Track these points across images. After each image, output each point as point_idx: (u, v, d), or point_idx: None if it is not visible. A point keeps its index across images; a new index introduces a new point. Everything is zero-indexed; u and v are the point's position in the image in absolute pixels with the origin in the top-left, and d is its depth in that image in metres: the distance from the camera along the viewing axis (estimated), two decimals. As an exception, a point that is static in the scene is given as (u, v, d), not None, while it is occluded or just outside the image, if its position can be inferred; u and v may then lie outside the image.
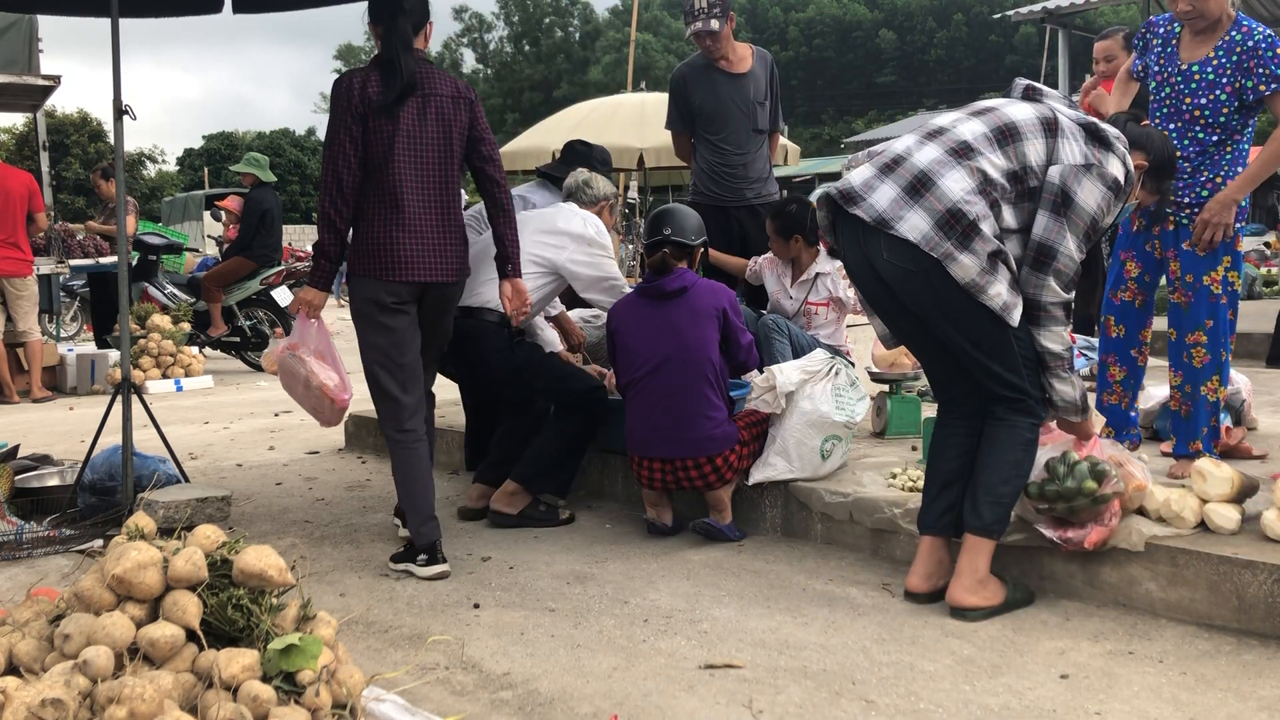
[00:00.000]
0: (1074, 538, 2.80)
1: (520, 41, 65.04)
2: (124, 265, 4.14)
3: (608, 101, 11.49)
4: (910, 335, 2.99)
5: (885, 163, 2.83)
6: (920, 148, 2.80)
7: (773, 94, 4.89)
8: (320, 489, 4.63)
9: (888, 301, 2.92)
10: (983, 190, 2.71)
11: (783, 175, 20.81)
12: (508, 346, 3.86)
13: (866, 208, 2.76)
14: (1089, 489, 2.75)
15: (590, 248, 3.94)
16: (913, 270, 2.73)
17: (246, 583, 2.06)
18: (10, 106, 9.39)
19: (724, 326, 3.58)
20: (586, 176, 4.23)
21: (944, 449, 2.97)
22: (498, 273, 3.54)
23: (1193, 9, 3.29)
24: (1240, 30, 3.35)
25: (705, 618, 2.86)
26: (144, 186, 38.08)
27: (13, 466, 4.27)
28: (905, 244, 2.70)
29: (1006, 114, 2.82)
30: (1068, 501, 2.79)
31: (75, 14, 4.53)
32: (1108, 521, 2.80)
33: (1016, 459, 2.83)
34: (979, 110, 2.89)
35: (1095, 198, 2.72)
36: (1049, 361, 2.83)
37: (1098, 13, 13.33)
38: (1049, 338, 2.81)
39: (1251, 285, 12.53)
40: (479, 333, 3.84)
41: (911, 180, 2.74)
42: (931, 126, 2.88)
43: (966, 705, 2.29)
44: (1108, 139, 2.79)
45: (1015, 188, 2.75)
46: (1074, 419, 2.89)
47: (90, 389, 8.05)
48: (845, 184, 2.84)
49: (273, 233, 9.14)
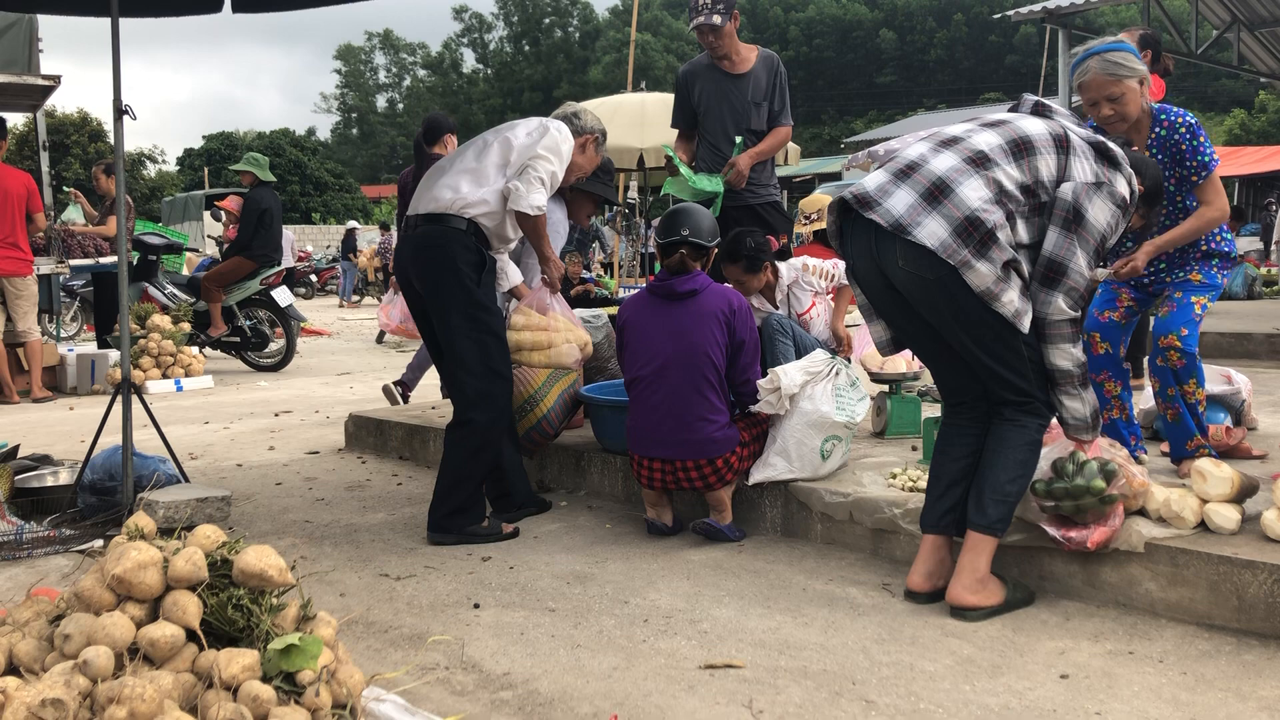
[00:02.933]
0: (1077, 537, 2.80)
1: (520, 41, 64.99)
2: (124, 265, 4.14)
3: (608, 101, 11.47)
4: (917, 340, 2.99)
5: (900, 168, 2.81)
6: (936, 155, 2.80)
7: (776, 93, 4.88)
8: (320, 489, 4.63)
9: (894, 308, 2.92)
10: (999, 200, 2.71)
11: (783, 175, 20.82)
12: (474, 269, 3.64)
13: (883, 212, 2.75)
14: (1098, 488, 2.75)
15: (542, 135, 3.70)
16: (928, 278, 2.73)
17: (246, 583, 2.05)
18: (10, 106, 9.37)
19: (730, 332, 3.57)
20: (577, 109, 4.14)
21: (949, 448, 2.97)
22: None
23: (1115, 113, 3.40)
24: (1162, 125, 3.48)
25: (705, 618, 2.86)
26: (144, 187, 38.12)
27: (13, 466, 4.27)
28: (922, 250, 2.69)
29: (1021, 127, 2.82)
30: (1075, 500, 2.78)
31: (75, 14, 4.53)
32: (1111, 522, 2.80)
33: (1023, 459, 2.84)
34: (992, 122, 2.89)
35: (1105, 215, 2.74)
36: (1059, 380, 2.82)
37: (1097, 13, 13.32)
38: (1059, 355, 2.80)
39: (1251, 285, 12.52)
40: (445, 240, 3.64)
41: (929, 187, 2.73)
42: (945, 135, 2.87)
43: (966, 705, 2.29)
44: (1116, 158, 2.81)
45: (1029, 201, 2.75)
46: (1085, 438, 2.89)
47: (90, 389, 8.06)
48: (860, 188, 2.83)
49: (272, 232, 9.14)
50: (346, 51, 72.45)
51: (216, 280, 9.14)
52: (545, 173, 3.65)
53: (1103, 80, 3.35)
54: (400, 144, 67.05)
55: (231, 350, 9.48)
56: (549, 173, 3.66)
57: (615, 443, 4.15)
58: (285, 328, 9.44)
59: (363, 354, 11.05)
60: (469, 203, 3.64)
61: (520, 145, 3.69)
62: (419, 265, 3.68)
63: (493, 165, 3.69)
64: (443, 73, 69.66)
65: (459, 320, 3.63)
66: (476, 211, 3.64)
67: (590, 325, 4.85)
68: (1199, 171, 3.43)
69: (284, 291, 9.36)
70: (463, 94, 65.62)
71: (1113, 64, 3.34)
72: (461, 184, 3.67)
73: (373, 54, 72.93)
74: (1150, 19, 12.38)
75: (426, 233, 3.66)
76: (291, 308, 9.40)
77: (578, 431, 4.68)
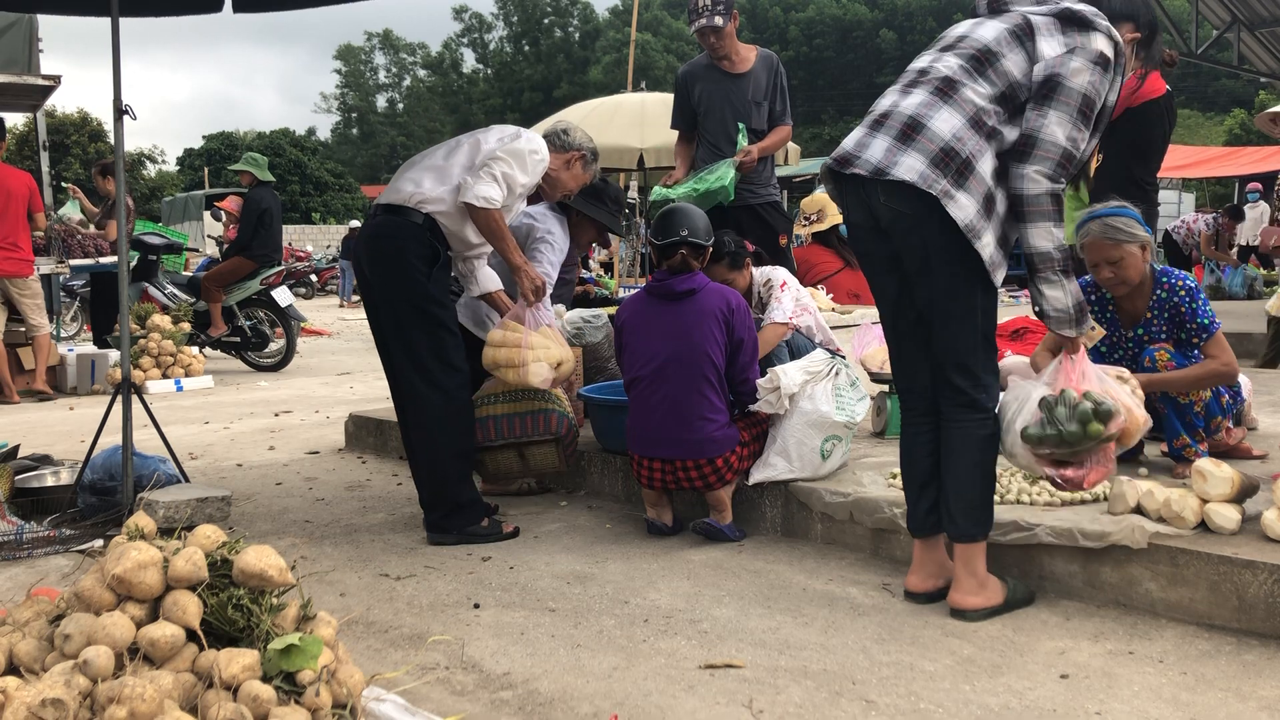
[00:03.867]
0: (1074, 477, 2.69)
1: (520, 41, 65.01)
2: (124, 265, 4.14)
3: (608, 101, 11.47)
4: (893, 303, 2.91)
5: (874, 120, 2.80)
6: (905, 96, 2.77)
7: (776, 93, 4.88)
8: (320, 489, 4.63)
9: (884, 264, 2.86)
10: (976, 124, 2.66)
11: (783, 175, 20.79)
12: (425, 262, 3.60)
13: (862, 163, 2.72)
14: (1095, 432, 2.62)
15: (511, 140, 3.67)
16: (908, 213, 2.68)
17: (246, 583, 2.05)
18: (10, 106, 9.39)
19: (729, 331, 3.57)
20: (567, 125, 4.10)
21: (912, 450, 2.95)
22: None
23: (1114, 276, 3.44)
24: (1163, 288, 3.51)
25: (705, 618, 2.86)
26: (144, 187, 38.12)
27: (13, 466, 4.27)
28: (903, 185, 2.65)
29: (978, 37, 2.75)
30: (1071, 446, 2.65)
31: (75, 14, 4.53)
32: (1106, 462, 2.68)
33: (976, 460, 2.78)
34: (951, 43, 2.82)
35: (1083, 75, 2.62)
36: (1037, 264, 2.65)
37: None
38: (1037, 235, 2.63)
39: (1251, 285, 12.53)
40: (397, 231, 3.63)
41: (901, 127, 2.71)
42: (911, 74, 2.83)
43: (966, 705, 2.29)
44: (1086, 19, 2.68)
45: (1007, 108, 2.69)
46: (1067, 332, 2.70)
47: (90, 389, 8.06)
48: (840, 150, 2.82)
49: (272, 232, 9.14)
50: (346, 51, 72.44)
51: (216, 280, 9.14)
52: (499, 171, 3.61)
53: (1102, 244, 3.40)
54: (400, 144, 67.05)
55: (231, 350, 9.47)
56: (503, 173, 3.62)
57: (615, 443, 4.15)
58: (285, 328, 9.44)
59: (363, 354, 11.05)
60: (427, 198, 3.64)
61: (487, 149, 3.67)
62: (370, 254, 3.69)
63: (458, 165, 3.69)
64: (443, 73, 69.66)
65: (408, 311, 3.62)
66: (434, 208, 3.63)
67: (590, 325, 4.85)
68: (1199, 334, 3.44)
69: (284, 291, 9.36)
70: (463, 94, 65.61)
71: (1113, 228, 3.38)
72: (425, 179, 3.68)
73: (373, 54, 72.94)
74: (1150, 19, 12.38)
75: (382, 223, 3.68)
76: (291, 308, 9.41)
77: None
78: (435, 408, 3.62)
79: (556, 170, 3.96)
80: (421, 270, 3.59)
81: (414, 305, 3.61)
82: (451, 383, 3.64)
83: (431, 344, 3.62)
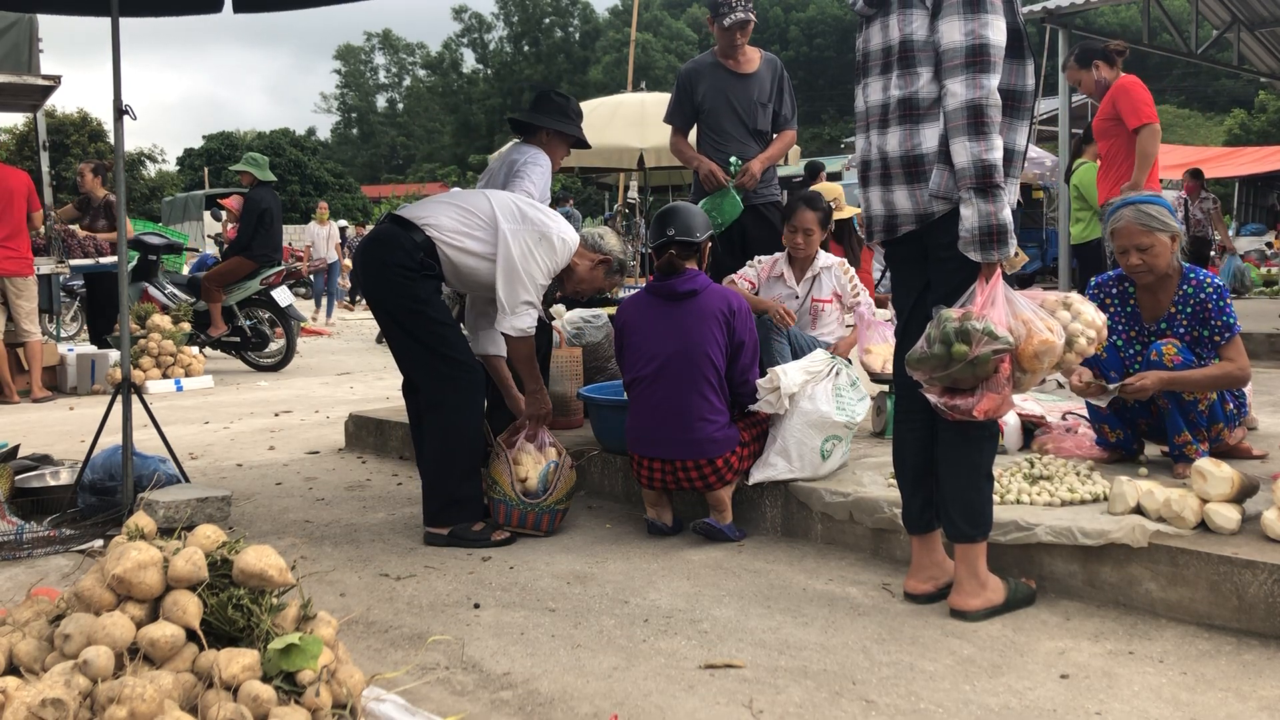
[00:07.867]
0: (962, 405, 2.59)
1: (520, 41, 64.99)
2: (124, 265, 4.14)
3: (608, 101, 11.48)
4: (918, 292, 2.92)
5: (878, 173, 2.85)
6: (883, 136, 2.81)
7: (781, 97, 4.90)
8: (320, 489, 4.63)
9: (914, 261, 2.90)
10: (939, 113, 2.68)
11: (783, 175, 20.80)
12: (414, 268, 3.62)
13: (905, 219, 2.79)
14: (960, 353, 2.50)
15: (538, 241, 3.67)
16: (945, 223, 2.72)
17: (246, 583, 2.05)
18: (10, 106, 9.38)
19: (729, 333, 3.57)
20: (604, 231, 4.08)
21: (904, 446, 2.97)
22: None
23: (1143, 263, 3.45)
24: (1190, 283, 3.51)
25: (705, 618, 2.86)
26: (143, 186, 38.13)
27: (13, 466, 4.27)
28: (946, 217, 2.71)
29: (892, 39, 2.76)
30: (945, 369, 2.55)
31: (75, 14, 4.53)
32: (998, 389, 2.55)
33: (975, 461, 2.77)
34: (880, 60, 2.83)
35: None
36: (956, 180, 2.59)
37: (1097, 13, 13.35)
38: (955, 149, 2.57)
39: (1241, 279, 12.54)
40: (394, 240, 3.65)
41: (906, 171, 2.75)
42: (873, 110, 2.85)
43: (966, 705, 2.29)
44: None
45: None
46: (973, 255, 2.59)
47: (90, 389, 8.06)
48: (872, 216, 2.89)
49: (272, 232, 9.14)
50: (346, 51, 72.48)
51: (216, 280, 9.13)
52: (534, 287, 3.66)
53: (1134, 229, 3.43)
54: (400, 144, 67.03)
55: (231, 350, 9.47)
56: (539, 285, 3.68)
57: (615, 443, 4.15)
58: (285, 328, 9.44)
59: (363, 354, 11.05)
60: (441, 230, 3.65)
61: (508, 253, 3.63)
62: (362, 258, 3.74)
63: (479, 223, 3.68)
64: (443, 73, 69.67)
65: (406, 315, 3.66)
66: (439, 238, 3.65)
67: (590, 325, 4.85)
68: (1223, 332, 3.46)
69: (284, 291, 9.36)
70: (463, 94, 65.62)
71: (1146, 215, 3.43)
72: (446, 215, 3.69)
73: (372, 54, 72.98)
74: (1150, 19, 12.37)
75: (383, 230, 3.71)
76: (291, 308, 9.40)
77: (578, 431, 4.68)
78: (449, 409, 3.65)
79: (582, 268, 3.90)
80: (407, 275, 3.62)
81: (408, 308, 3.64)
82: (458, 376, 3.65)
83: (432, 341, 3.64)
